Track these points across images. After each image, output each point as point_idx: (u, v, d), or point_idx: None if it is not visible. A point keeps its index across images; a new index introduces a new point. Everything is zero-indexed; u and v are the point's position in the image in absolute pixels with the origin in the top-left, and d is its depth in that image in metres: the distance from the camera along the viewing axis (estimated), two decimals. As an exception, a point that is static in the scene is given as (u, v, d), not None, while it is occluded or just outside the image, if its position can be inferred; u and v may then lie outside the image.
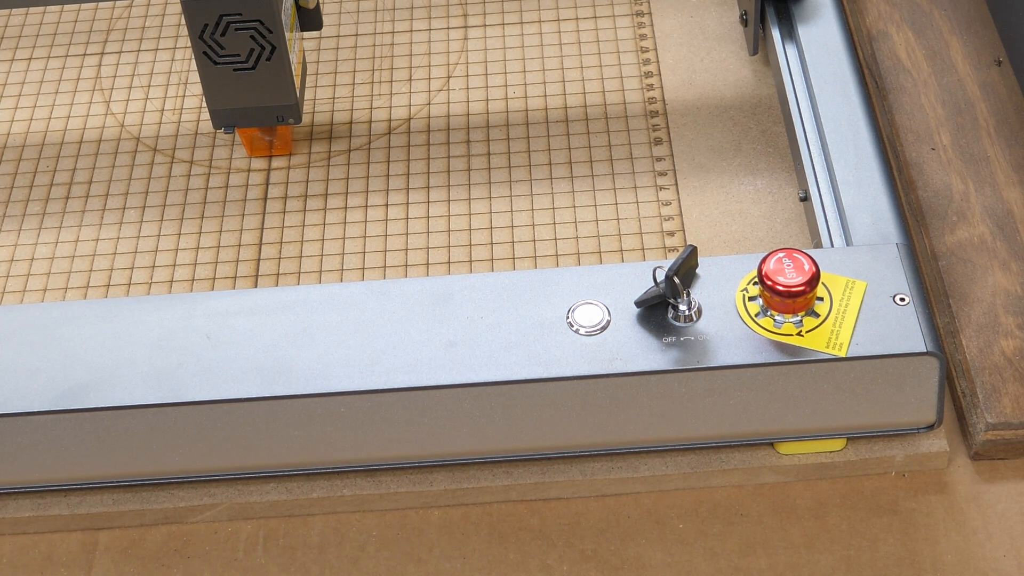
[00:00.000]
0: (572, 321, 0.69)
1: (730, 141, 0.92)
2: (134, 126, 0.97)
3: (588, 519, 0.72)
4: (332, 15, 1.04)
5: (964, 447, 0.74)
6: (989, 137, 0.87)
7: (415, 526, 0.73)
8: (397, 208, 0.89)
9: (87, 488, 0.74)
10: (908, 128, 0.88)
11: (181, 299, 0.73)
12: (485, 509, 0.73)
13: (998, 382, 0.74)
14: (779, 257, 0.68)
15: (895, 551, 0.70)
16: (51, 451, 0.71)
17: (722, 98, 0.95)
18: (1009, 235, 0.81)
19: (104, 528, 0.74)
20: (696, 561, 0.70)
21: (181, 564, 0.72)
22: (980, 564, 0.69)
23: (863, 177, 0.79)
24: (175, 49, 1.03)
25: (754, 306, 0.69)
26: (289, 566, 0.72)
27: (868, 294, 0.69)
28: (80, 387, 0.69)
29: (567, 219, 0.87)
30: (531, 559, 0.71)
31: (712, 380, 0.68)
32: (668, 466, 0.73)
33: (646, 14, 1.02)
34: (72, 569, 0.73)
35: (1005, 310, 0.77)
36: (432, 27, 1.03)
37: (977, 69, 0.91)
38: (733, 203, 0.88)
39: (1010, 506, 0.72)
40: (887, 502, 0.72)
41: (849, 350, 0.67)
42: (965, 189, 0.84)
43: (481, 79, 0.98)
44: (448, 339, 0.69)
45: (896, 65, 0.92)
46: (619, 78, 0.97)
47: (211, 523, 0.74)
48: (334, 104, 0.97)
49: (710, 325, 0.69)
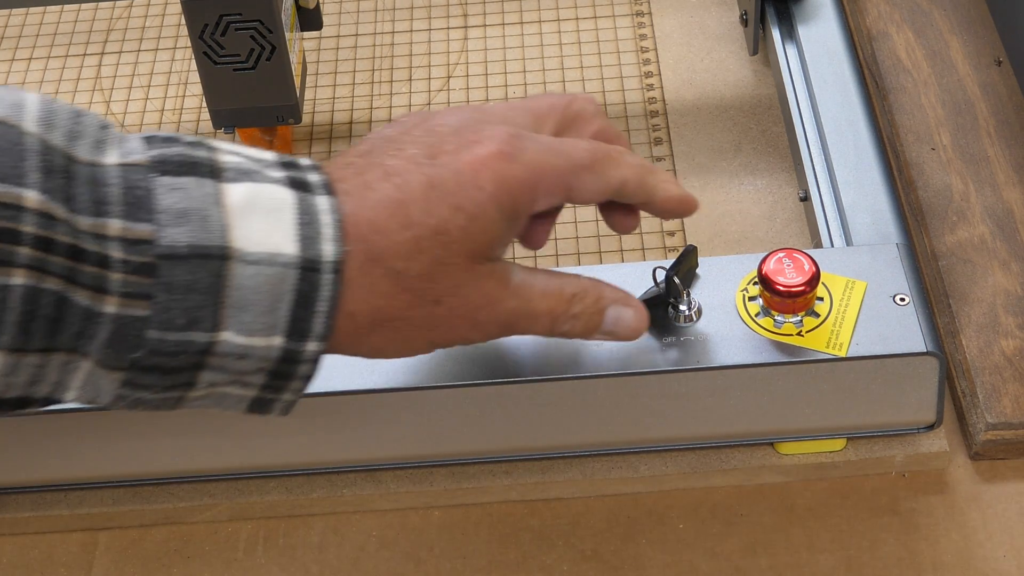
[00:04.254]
0: (572, 321, 0.69)
1: (730, 141, 0.92)
2: (134, 126, 0.97)
3: (588, 519, 0.72)
4: (332, 15, 1.04)
5: (964, 447, 0.74)
6: (989, 137, 0.87)
7: (415, 526, 0.73)
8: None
9: (87, 488, 0.74)
10: (908, 128, 0.88)
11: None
12: (485, 509, 0.73)
13: (998, 382, 0.74)
14: (779, 257, 0.68)
15: (895, 551, 0.70)
16: (51, 451, 0.71)
17: (722, 98, 0.95)
18: (1009, 235, 0.81)
19: (104, 528, 0.74)
20: (696, 561, 0.70)
21: (181, 564, 0.72)
22: (980, 564, 0.69)
23: (863, 177, 0.79)
24: (175, 49, 1.03)
25: (754, 306, 0.69)
26: (289, 566, 0.72)
27: (868, 294, 0.69)
28: (80, 387, 0.69)
29: (567, 219, 0.87)
30: (531, 559, 0.71)
31: (712, 380, 0.68)
32: (668, 466, 0.73)
33: (646, 14, 1.02)
34: (72, 569, 0.73)
35: (1005, 310, 0.77)
36: (432, 27, 1.03)
37: (977, 69, 0.91)
38: (733, 203, 0.88)
39: (1010, 506, 0.72)
40: (887, 502, 0.72)
41: (849, 350, 0.67)
42: (965, 189, 0.84)
43: (481, 79, 0.98)
44: (448, 339, 0.69)
45: (896, 65, 0.92)
46: (619, 78, 0.97)
47: (211, 523, 0.74)
48: (334, 104, 0.97)
49: (710, 325, 0.69)
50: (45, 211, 0.49)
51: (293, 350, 0.54)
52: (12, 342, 0.49)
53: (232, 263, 0.51)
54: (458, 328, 0.58)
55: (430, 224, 0.55)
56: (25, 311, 0.49)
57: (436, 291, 0.56)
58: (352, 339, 0.56)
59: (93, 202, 0.50)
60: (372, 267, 0.54)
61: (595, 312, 0.61)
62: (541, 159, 0.58)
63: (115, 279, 0.50)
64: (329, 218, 0.53)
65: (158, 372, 0.52)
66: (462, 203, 0.56)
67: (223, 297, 0.51)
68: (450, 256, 0.56)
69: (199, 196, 0.52)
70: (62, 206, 0.49)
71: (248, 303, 0.52)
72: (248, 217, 0.52)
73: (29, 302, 0.49)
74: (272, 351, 0.53)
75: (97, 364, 0.51)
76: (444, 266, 0.56)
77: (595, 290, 0.61)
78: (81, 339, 0.51)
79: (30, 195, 0.48)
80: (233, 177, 0.53)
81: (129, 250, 0.50)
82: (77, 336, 0.50)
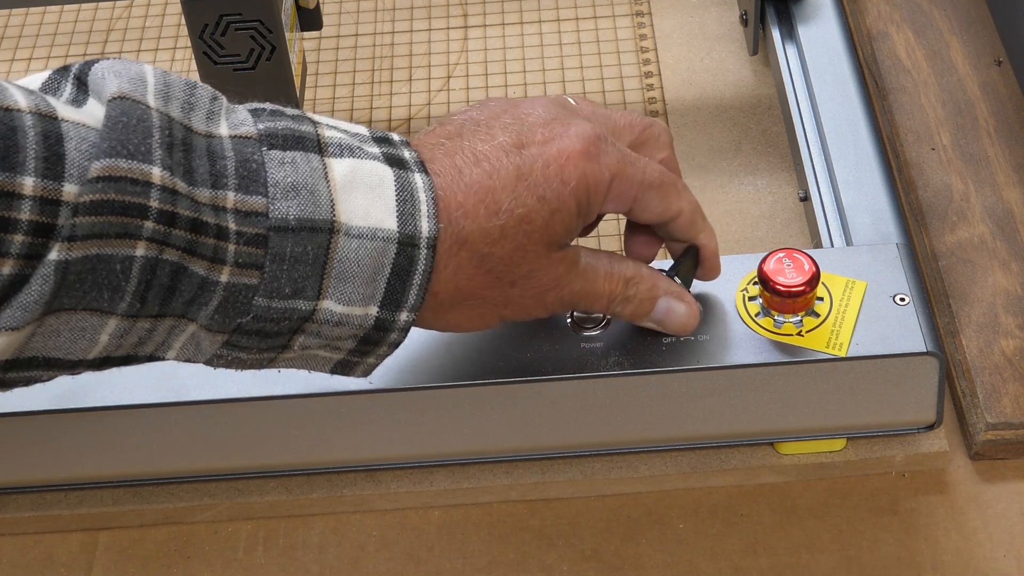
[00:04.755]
0: (572, 321, 0.69)
1: (730, 141, 0.92)
2: (134, 126, 0.97)
3: (588, 519, 0.72)
4: (332, 15, 1.04)
5: (964, 447, 0.74)
6: (989, 137, 0.87)
7: (415, 526, 0.73)
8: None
9: (87, 488, 0.74)
10: (908, 128, 0.88)
11: (181, 299, 0.73)
12: (485, 509, 0.73)
13: (998, 382, 0.74)
14: (779, 257, 0.68)
15: (895, 551, 0.70)
16: (51, 451, 0.71)
17: (722, 98, 0.95)
18: (1009, 235, 0.81)
19: (104, 528, 0.74)
20: (696, 561, 0.70)
21: (181, 564, 0.72)
22: (980, 564, 0.69)
23: (863, 177, 0.79)
24: (175, 49, 1.03)
25: (754, 306, 0.69)
26: (289, 566, 0.72)
27: (868, 294, 0.69)
28: (80, 387, 0.69)
29: (567, 219, 0.87)
30: (531, 559, 0.71)
31: (712, 380, 0.68)
32: (668, 466, 0.73)
33: (646, 14, 1.02)
34: (72, 569, 0.73)
35: (1005, 310, 0.77)
36: (432, 27, 1.03)
37: (977, 69, 0.91)
38: (733, 203, 0.88)
39: (1010, 506, 0.72)
40: (887, 502, 0.72)
41: (849, 350, 0.67)
42: (965, 189, 0.84)
43: (481, 79, 0.98)
44: (448, 339, 0.69)
45: (896, 65, 0.92)
46: (619, 78, 0.97)
47: (211, 523, 0.74)
48: (334, 104, 0.97)
49: (710, 325, 0.69)
50: (169, 186, 0.51)
51: (386, 319, 0.57)
52: (128, 309, 0.51)
53: (338, 236, 0.54)
54: (527, 306, 0.61)
55: (517, 213, 0.58)
56: (144, 281, 0.51)
57: (514, 274, 0.59)
58: (434, 314, 0.59)
59: (211, 175, 0.52)
60: (459, 249, 0.57)
61: (648, 299, 0.64)
62: (620, 166, 0.60)
63: (230, 250, 0.52)
64: (424, 196, 0.56)
65: (259, 336, 0.55)
66: (547, 195, 0.58)
67: (328, 268, 0.54)
68: (531, 243, 0.59)
69: (307, 171, 0.54)
70: (183, 180, 0.51)
71: (350, 274, 0.55)
72: (352, 192, 0.55)
73: (148, 272, 0.51)
74: (367, 319, 0.56)
75: (203, 328, 0.54)
76: (524, 252, 0.59)
77: (651, 278, 0.64)
78: (192, 306, 0.53)
79: (156, 171, 0.50)
80: (336, 152, 0.55)
81: (243, 222, 0.53)
82: (189, 303, 0.53)
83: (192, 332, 0.54)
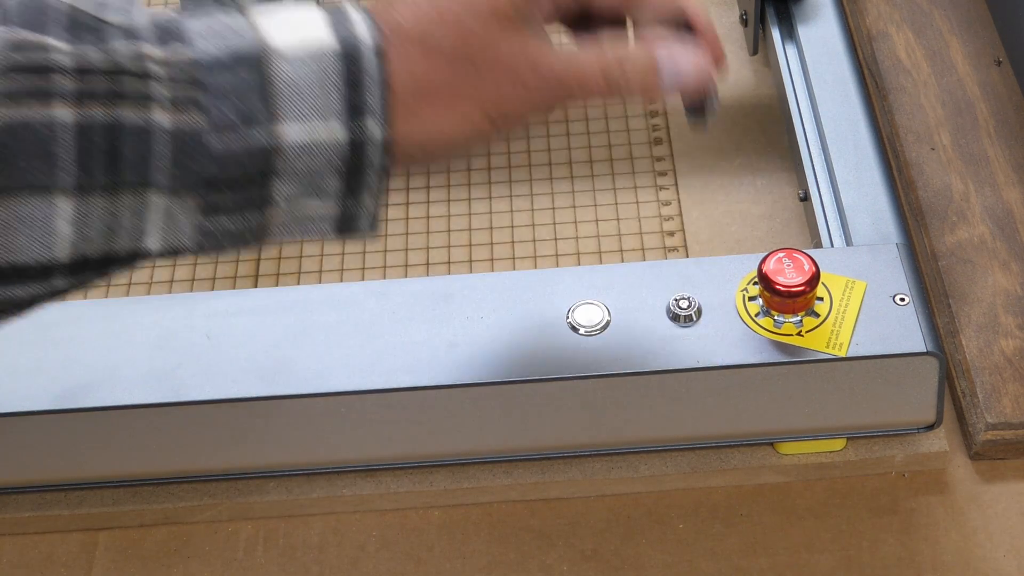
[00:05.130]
0: (572, 321, 0.69)
1: (730, 141, 0.92)
2: (134, 126, 0.97)
3: (588, 519, 0.72)
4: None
5: (964, 447, 0.74)
6: (989, 137, 0.87)
7: (415, 526, 0.73)
8: (397, 208, 0.89)
9: (87, 488, 0.74)
10: (908, 128, 0.88)
11: (181, 299, 0.73)
12: (485, 509, 0.73)
13: (998, 382, 0.74)
14: (779, 257, 0.68)
15: (895, 551, 0.70)
16: (51, 451, 0.71)
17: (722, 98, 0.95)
18: (1009, 235, 0.81)
19: (104, 528, 0.74)
20: (696, 561, 0.70)
21: (181, 564, 0.72)
22: (980, 564, 0.69)
23: (863, 177, 0.79)
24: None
25: (754, 306, 0.69)
26: (289, 566, 0.72)
27: (868, 294, 0.69)
28: (80, 387, 0.69)
29: (567, 219, 0.87)
30: (531, 559, 0.71)
31: (712, 380, 0.68)
32: (668, 466, 0.73)
33: (646, 14, 1.02)
34: (72, 569, 0.73)
35: (1005, 310, 0.77)
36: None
37: (977, 69, 0.91)
38: (733, 203, 0.88)
39: (1010, 506, 0.72)
40: (887, 502, 0.72)
41: (849, 350, 0.67)
42: (965, 189, 0.84)
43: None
44: (448, 339, 0.69)
45: (896, 65, 0.92)
46: (619, 78, 0.97)
47: (211, 523, 0.74)
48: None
49: (710, 325, 0.69)
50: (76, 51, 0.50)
51: (356, 134, 0.54)
52: (74, 183, 0.50)
53: (273, 59, 0.53)
54: (507, 94, 0.58)
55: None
56: (79, 147, 0.49)
57: (467, 50, 0.57)
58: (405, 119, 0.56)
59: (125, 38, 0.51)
60: (404, 44, 0.56)
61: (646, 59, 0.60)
62: None
63: (162, 89, 0.51)
64: (359, 15, 0.55)
65: (231, 188, 0.53)
66: None
67: (273, 91, 0.53)
68: (474, 17, 0.57)
69: (227, 20, 0.54)
70: (93, 46, 0.50)
71: (298, 94, 0.53)
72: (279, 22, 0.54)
73: (80, 135, 0.49)
74: (337, 139, 0.54)
75: (170, 194, 0.52)
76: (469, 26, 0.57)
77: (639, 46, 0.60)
78: (146, 167, 0.51)
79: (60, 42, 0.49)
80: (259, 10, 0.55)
81: (168, 67, 0.51)
82: (140, 164, 0.51)
83: (163, 207, 0.52)
